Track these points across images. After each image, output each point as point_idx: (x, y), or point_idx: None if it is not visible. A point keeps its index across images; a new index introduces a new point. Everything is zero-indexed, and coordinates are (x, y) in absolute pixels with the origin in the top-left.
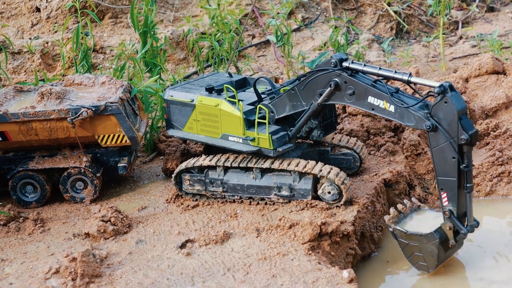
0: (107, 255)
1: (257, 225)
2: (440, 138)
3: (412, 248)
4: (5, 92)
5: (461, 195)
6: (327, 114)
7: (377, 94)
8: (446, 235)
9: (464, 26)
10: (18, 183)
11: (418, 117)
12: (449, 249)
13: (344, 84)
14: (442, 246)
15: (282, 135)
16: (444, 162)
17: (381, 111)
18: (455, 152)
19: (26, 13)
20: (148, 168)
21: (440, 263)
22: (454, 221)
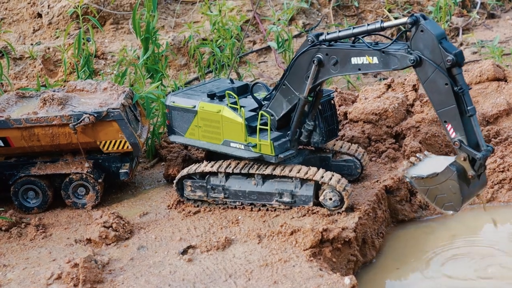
0: (108, 261)
1: (258, 231)
2: (427, 69)
3: (433, 191)
4: (7, 98)
5: (466, 121)
6: (329, 120)
7: (358, 53)
8: (463, 167)
9: (465, 33)
10: (20, 188)
11: (400, 55)
12: (471, 183)
13: (326, 57)
14: (462, 179)
15: (283, 142)
16: (438, 92)
17: (366, 67)
18: (446, 77)
19: (28, 19)
20: (149, 174)
21: (466, 199)
22: (467, 149)
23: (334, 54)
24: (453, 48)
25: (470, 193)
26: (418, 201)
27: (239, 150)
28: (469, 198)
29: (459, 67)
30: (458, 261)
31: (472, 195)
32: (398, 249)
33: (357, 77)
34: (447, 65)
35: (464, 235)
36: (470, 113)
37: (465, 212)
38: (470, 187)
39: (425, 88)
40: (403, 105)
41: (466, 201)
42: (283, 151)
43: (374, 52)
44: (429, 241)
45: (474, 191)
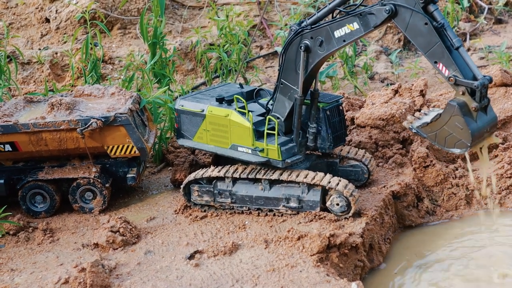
0: (116, 265)
1: (265, 236)
2: (404, 16)
3: (442, 134)
4: (15, 103)
5: (454, 55)
6: (336, 126)
7: (338, 24)
8: (464, 101)
9: (472, 38)
10: (27, 193)
11: (376, 10)
12: (478, 117)
13: (311, 40)
14: (466, 113)
15: (291, 147)
16: (421, 35)
17: (350, 35)
18: (424, 16)
19: (36, 24)
20: (156, 179)
21: (476, 134)
22: (462, 81)
23: (317, 34)
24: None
25: (480, 129)
26: (425, 206)
27: (246, 154)
28: (480, 135)
29: (433, 3)
30: (464, 266)
31: (482, 132)
32: (405, 254)
33: (364, 82)
34: (420, 4)
35: (472, 240)
36: (456, 45)
37: (472, 217)
38: (478, 121)
39: (408, 36)
40: (410, 110)
41: (478, 138)
42: (290, 156)
43: (352, 19)
44: (436, 246)
45: (484, 127)
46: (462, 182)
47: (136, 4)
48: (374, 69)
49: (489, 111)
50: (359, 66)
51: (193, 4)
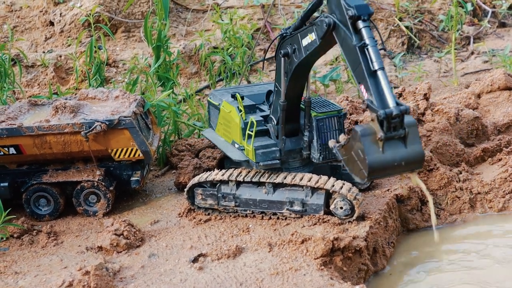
0: (120, 268)
1: (269, 239)
2: (340, 31)
3: (350, 159)
4: (19, 106)
5: (370, 78)
6: (330, 138)
7: (304, 33)
8: (372, 129)
9: (476, 42)
10: (31, 196)
11: (319, 21)
12: (387, 148)
13: (290, 46)
14: (371, 141)
15: (271, 151)
16: (350, 52)
17: (310, 45)
18: (349, 33)
19: (40, 27)
20: (160, 182)
21: (376, 165)
22: (371, 107)
23: (293, 41)
24: (357, 0)
25: (385, 162)
26: (429, 210)
27: (236, 151)
28: (385, 168)
29: (363, 21)
30: (467, 269)
31: (390, 165)
32: (408, 258)
33: None
34: (348, 19)
35: (475, 244)
36: (374, 67)
37: (477, 220)
38: (386, 153)
39: (342, 52)
40: (414, 113)
41: (381, 172)
42: (267, 160)
43: (311, 28)
44: (440, 249)
45: (394, 161)
46: (466, 185)
47: (140, 7)
48: None
49: (411, 145)
50: None
51: (197, 7)
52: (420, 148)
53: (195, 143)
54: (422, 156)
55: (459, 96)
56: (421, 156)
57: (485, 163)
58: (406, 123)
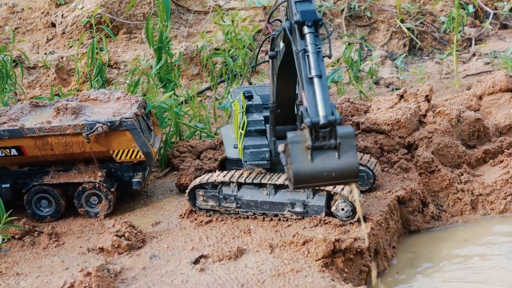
0: (121, 270)
1: (270, 241)
2: (290, 36)
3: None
4: (21, 107)
5: (308, 85)
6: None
7: (280, 36)
8: (303, 136)
9: (477, 43)
10: (33, 197)
11: (282, 27)
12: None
13: (276, 48)
14: (300, 149)
15: (261, 151)
16: (296, 57)
17: (282, 51)
18: (291, 38)
19: (42, 28)
20: (161, 183)
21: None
22: (306, 115)
23: (276, 44)
24: (305, 6)
25: (313, 171)
26: (430, 211)
27: (233, 149)
28: (312, 178)
29: (308, 27)
30: (469, 271)
31: (319, 175)
32: (409, 259)
33: (370, 87)
34: (294, 24)
35: (476, 245)
36: (311, 74)
37: (478, 221)
38: (315, 162)
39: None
40: (415, 115)
41: (309, 181)
42: (255, 160)
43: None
44: (441, 251)
45: (324, 171)
46: (468, 187)
47: (142, 9)
48: (379, 74)
49: (344, 156)
50: (364, 71)
51: (198, 9)
52: (354, 160)
53: (196, 145)
54: (355, 168)
55: (460, 98)
56: (354, 168)
57: (486, 164)
58: (341, 134)
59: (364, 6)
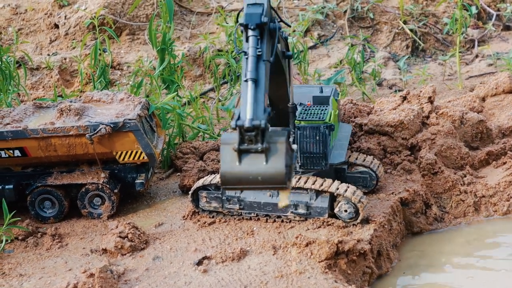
0: (124, 271)
1: (273, 242)
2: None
3: None
4: (24, 108)
5: (243, 88)
6: (310, 147)
7: None
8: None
9: (480, 45)
10: (36, 198)
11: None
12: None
13: None
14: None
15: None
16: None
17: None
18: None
19: (45, 30)
20: (165, 185)
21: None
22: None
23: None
24: (252, 9)
25: (238, 174)
26: (433, 213)
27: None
28: (238, 180)
29: (252, 30)
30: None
31: (245, 178)
32: (412, 261)
33: (373, 88)
34: (240, 26)
35: (480, 247)
36: (245, 77)
37: (481, 223)
38: (243, 164)
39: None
40: (418, 117)
41: (236, 183)
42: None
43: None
44: (444, 253)
45: (249, 174)
46: (471, 189)
47: (145, 10)
48: (382, 76)
49: (272, 161)
50: (367, 73)
51: (201, 10)
52: (281, 166)
53: (199, 146)
54: (281, 175)
55: (463, 99)
56: (280, 174)
57: (489, 166)
58: (270, 139)
59: (367, 7)
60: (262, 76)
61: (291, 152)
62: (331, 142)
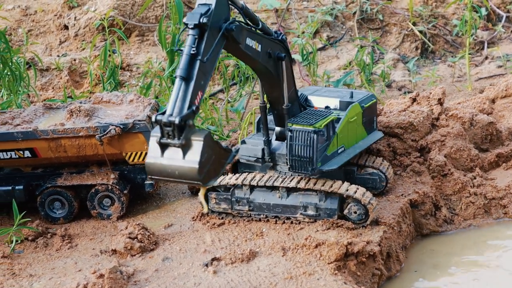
0: (134, 272)
1: (283, 244)
2: None
3: None
4: (35, 109)
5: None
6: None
7: None
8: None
9: (490, 46)
10: (46, 199)
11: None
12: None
13: None
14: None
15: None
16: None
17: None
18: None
19: (55, 31)
20: (174, 186)
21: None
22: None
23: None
24: (197, 9)
25: (160, 166)
26: (443, 215)
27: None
28: (160, 172)
29: (191, 29)
30: (481, 276)
31: (166, 170)
32: (421, 263)
33: (382, 90)
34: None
35: (491, 249)
36: (175, 74)
37: (491, 225)
38: (164, 156)
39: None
40: (428, 118)
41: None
42: (247, 155)
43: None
44: (453, 255)
45: (169, 167)
46: (480, 191)
47: (154, 11)
48: (391, 77)
49: (188, 157)
50: (377, 74)
51: None
52: (195, 163)
53: None
54: (194, 172)
55: (473, 101)
56: (193, 170)
57: (499, 168)
58: (190, 136)
59: (376, 9)
60: (194, 75)
61: (218, 151)
62: (332, 148)
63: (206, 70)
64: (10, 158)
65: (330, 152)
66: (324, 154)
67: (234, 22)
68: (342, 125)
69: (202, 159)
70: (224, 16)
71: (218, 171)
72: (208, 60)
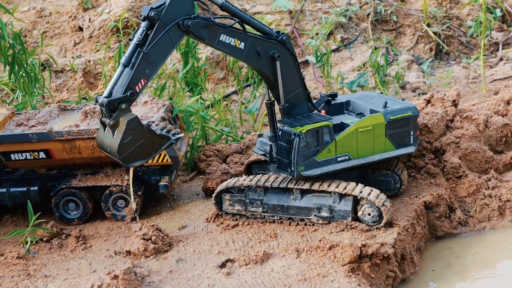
0: (148, 273)
1: (296, 245)
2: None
3: None
4: (49, 111)
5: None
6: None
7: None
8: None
9: (505, 48)
10: (61, 200)
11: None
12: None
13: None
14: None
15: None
16: None
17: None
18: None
19: (69, 33)
20: (188, 187)
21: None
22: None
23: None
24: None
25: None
26: (457, 217)
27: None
28: (101, 146)
29: (141, 20)
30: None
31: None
32: (436, 265)
33: (396, 91)
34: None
35: (506, 251)
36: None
37: (506, 227)
38: (104, 133)
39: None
40: (442, 120)
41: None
42: (259, 149)
43: None
44: (468, 257)
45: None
46: (495, 193)
47: None
48: (405, 79)
49: (115, 136)
50: (391, 76)
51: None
52: (116, 142)
53: (222, 149)
54: (115, 149)
55: (488, 103)
56: (114, 148)
57: None
58: (119, 118)
59: (390, 10)
60: (136, 63)
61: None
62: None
63: (151, 59)
64: (25, 159)
65: (322, 158)
66: (312, 159)
67: (194, 19)
68: (345, 133)
69: (123, 140)
70: (185, 12)
71: (148, 155)
72: (150, 50)
